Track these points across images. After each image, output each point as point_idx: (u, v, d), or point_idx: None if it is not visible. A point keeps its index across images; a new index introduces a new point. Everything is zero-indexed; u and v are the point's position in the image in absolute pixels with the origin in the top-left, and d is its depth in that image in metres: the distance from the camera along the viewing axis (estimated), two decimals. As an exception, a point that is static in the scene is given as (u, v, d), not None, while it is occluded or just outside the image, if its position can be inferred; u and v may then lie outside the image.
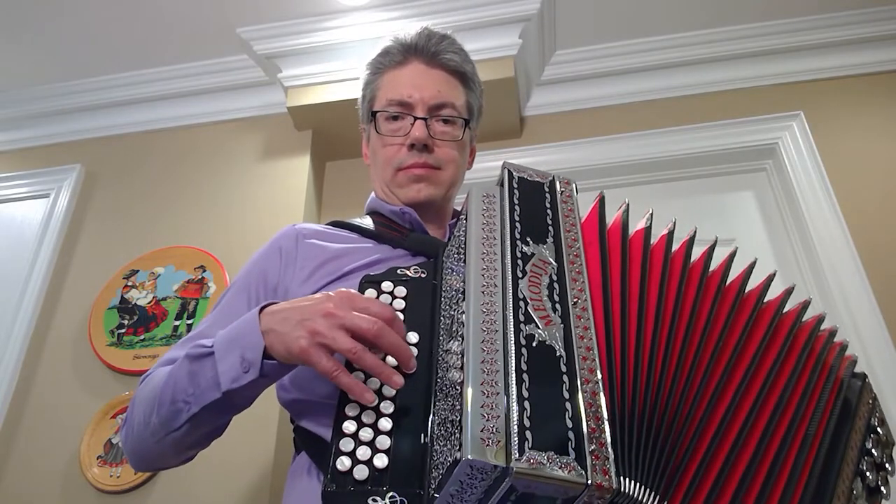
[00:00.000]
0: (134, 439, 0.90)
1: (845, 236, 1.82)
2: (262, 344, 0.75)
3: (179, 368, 0.83)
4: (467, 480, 0.57)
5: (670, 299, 0.77)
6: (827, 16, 2.09)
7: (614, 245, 0.79)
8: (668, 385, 0.71)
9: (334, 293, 0.75)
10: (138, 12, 2.09)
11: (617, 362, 0.68)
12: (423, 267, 0.85)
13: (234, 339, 0.79)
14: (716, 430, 0.70)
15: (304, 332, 0.72)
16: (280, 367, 0.77)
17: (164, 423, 0.84)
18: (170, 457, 0.91)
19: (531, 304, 0.68)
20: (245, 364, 0.76)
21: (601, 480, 0.56)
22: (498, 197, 0.80)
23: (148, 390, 0.89)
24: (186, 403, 0.81)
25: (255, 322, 0.77)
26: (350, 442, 0.67)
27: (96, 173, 2.26)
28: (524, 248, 0.73)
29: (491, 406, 0.59)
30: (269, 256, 1.03)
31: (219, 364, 0.78)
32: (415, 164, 1.07)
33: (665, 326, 0.75)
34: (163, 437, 0.85)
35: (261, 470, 1.63)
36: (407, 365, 0.72)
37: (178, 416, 0.82)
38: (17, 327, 1.95)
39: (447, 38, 1.13)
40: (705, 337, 0.76)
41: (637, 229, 0.83)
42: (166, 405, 0.83)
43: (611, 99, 2.20)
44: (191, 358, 0.82)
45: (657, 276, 0.78)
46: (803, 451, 0.74)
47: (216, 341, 0.81)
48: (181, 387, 0.82)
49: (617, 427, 0.63)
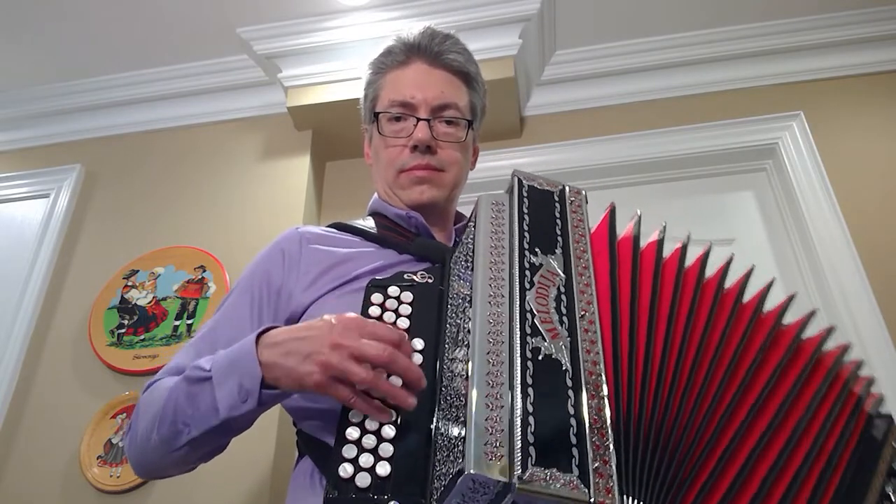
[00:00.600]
0: (137, 449, 0.90)
1: (845, 236, 1.82)
2: (259, 375, 0.75)
3: (179, 390, 0.83)
4: (469, 494, 0.57)
5: (682, 315, 0.76)
6: (827, 16, 2.09)
7: (625, 257, 0.78)
8: (676, 403, 0.70)
9: (336, 320, 0.74)
10: (138, 12, 2.09)
11: (624, 378, 0.67)
12: (430, 272, 0.85)
13: (231, 365, 0.78)
14: (723, 452, 0.69)
15: (316, 366, 0.71)
16: (279, 395, 0.77)
17: (164, 441, 0.83)
18: (171, 469, 0.91)
19: (538, 317, 0.67)
20: (243, 393, 0.76)
21: (604, 499, 0.56)
22: (507, 205, 0.80)
23: (151, 403, 0.88)
24: (186, 426, 0.81)
25: (252, 352, 0.77)
26: (353, 449, 0.67)
27: (96, 173, 2.26)
28: (532, 259, 0.73)
29: (495, 419, 0.59)
30: (273, 259, 1.02)
31: (216, 390, 0.78)
32: (417, 165, 1.06)
33: (676, 342, 0.73)
34: (165, 454, 0.85)
35: (261, 472, 1.63)
36: (417, 386, 0.71)
37: (179, 438, 0.82)
38: (17, 327, 1.95)
39: (451, 37, 1.12)
40: (718, 355, 0.75)
41: (649, 241, 0.82)
42: (167, 425, 0.82)
43: (611, 99, 2.20)
44: (189, 381, 0.82)
45: (669, 291, 0.77)
46: (821, 484, 0.71)
47: (214, 366, 0.80)
48: (181, 408, 0.81)
49: (622, 444, 0.62)
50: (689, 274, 0.80)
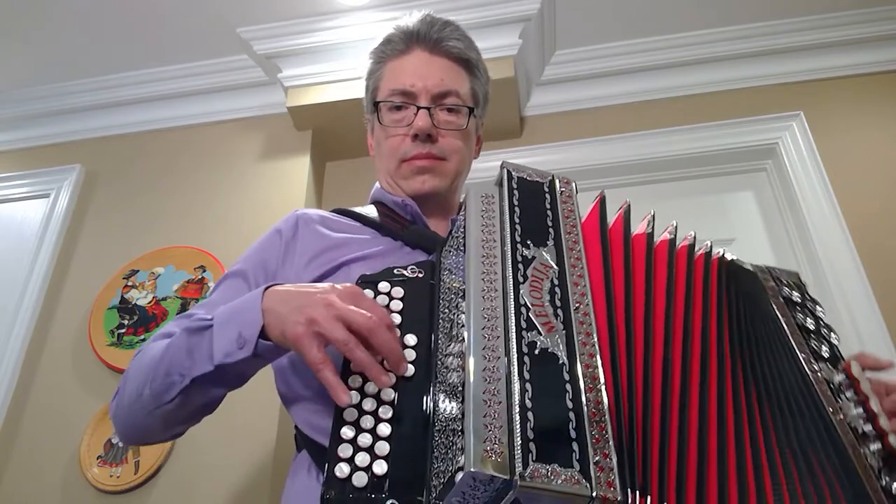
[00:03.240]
0: (124, 411, 0.89)
1: (845, 236, 1.82)
2: (260, 322, 0.75)
3: (177, 342, 0.83)
4: (470, 492, 0.56)
5: (679, 302, 0.76)
6: (827, 16, 2.09)
7: (616, 247, 0.78)
8: (677, 392, 0.69)
9: (341, 286, 0.74)
10: (138, 12, 2.09)
11: (622, 369, 0.67)
12: (421, 266, 0.84)
13: (234, 313, 0.79)
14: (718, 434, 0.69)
15: (302, 317, 0.71)
16: (274, 349, 0.77)
17: (156, 395, 0.83)
18: (158, 431, 0.90)
19: (533, 310, 0.67)
20: (241, 340, 0.76)
21: (605, 493, 0.56)
22: (497, 197, 0.79)
23: (143, 363, 0.87)
24: (181, 376, 0.80)
25: (258, 299, 0.77)
26: (349, 448, 0.66)
27: (96, 173, 2.26)
28: (525, 252, 0.72)
29: (493, 416, 0.58)
30: (271, 241, 1.02)
31: (215, 337, 0.78)
32: (418, 154, 1.05)
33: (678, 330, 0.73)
34: (153, 410, 0.84)
35: (261, 470, 1.63)
36: (397, 367, 0.70)
37: (171, 389, 0.81)
38: (17, 327, 1.95)
39: (450, 24, 1.11)
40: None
41: (639, 232, 0.82)
42: (160, 378, 0.82)
43: (611, 99, 2.20)
44: (189, 331, 0.82)
45: (663, 277, 0.77)
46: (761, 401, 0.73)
47: (217, 314, 0.80)
48: (177, 360, 0.81)
49: (622, 435, 0.62)
50: (680, 259, 0.81)
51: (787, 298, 0.85)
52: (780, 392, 0.75)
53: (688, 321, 0.75)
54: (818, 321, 0.84)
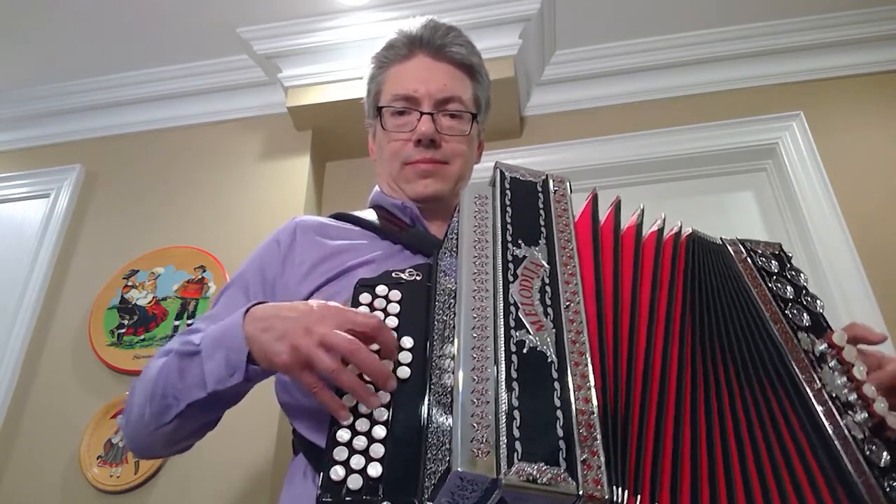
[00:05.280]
0: (131, 428, 0.91)
1: (845, 236, 1.82)
2: (245, 350, 0.76)
3: (169, 365, 0.84)
4: (458, 492, 0.56)
5: (663, 299, 0.76)
6: (827, 16, 2.09)
7: (607, 244, 0.78)
8: (673, 391, 0.69)
9: (318, 306, 0.74)
10: (138, 12, 2.09)
11: (610, 367, 0.67)
12: (419, 269, 0.84)
13: (219, 338, 0.79)
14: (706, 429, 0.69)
15: (286, 347, 0.72)
16: (264, 372, 0.78)
17: (154, 416, 0.84)
18: (161, 448, 0.91)
19: (522, 309, 0.66)
20: (230, 367, 0.77)
21: (592, 491, 0.55)
22: (490, 198, 0.79)
23: (144, 382, 0.89)
24: (176, 399, 0.82)
25: (239, 325, 0.78)
26: (344, 451, 0.66)
27: (96, 173, 2.26)
28: (516, 251, 0.72)
29: (481, 415, 0.58)
30: (268, 251, 1.03)
31: (205, 363, 0.79)
32: (422, 159, 1.05)
33: (660, 323, 0.73)
34: (154, 431, 0.86)
35: (260, 471, 1.63)
36: (384, 386, 0.70)
37: (168, 412, 0.83)
38: (17, 327, 1.95)
39: (453, 29, 1.12)
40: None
41: (628, 226, 0.82)
42: (157, 399, 0.84)
43: (611, 99, 2.20)
44: (180, 355, 0.83)
45: (649, 275, 0.77)
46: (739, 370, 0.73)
47: (203, 340, 0.81)
48: (171, 382, 0.82)
49: (609, 433, 0.61)
50: (665, 256, 0.80)
51: (760, 268, 0.84)
52: (752, 369, 0.74)
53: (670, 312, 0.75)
54: (799, 290, 0.82)
